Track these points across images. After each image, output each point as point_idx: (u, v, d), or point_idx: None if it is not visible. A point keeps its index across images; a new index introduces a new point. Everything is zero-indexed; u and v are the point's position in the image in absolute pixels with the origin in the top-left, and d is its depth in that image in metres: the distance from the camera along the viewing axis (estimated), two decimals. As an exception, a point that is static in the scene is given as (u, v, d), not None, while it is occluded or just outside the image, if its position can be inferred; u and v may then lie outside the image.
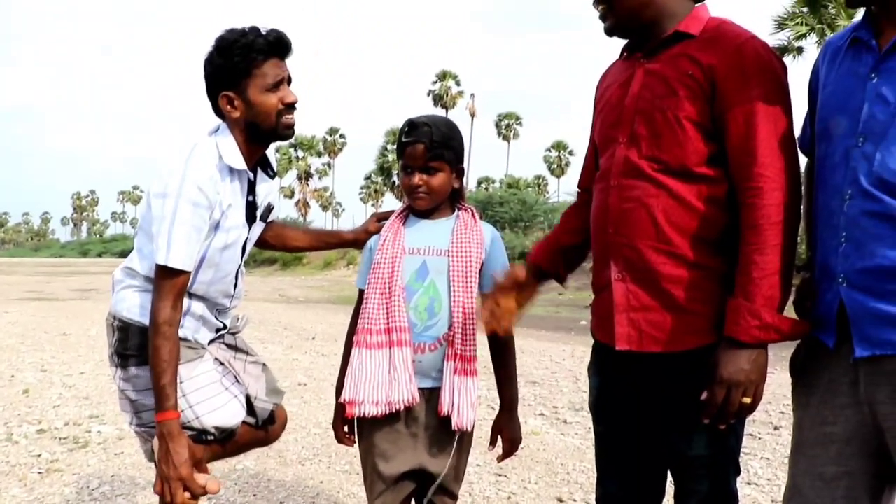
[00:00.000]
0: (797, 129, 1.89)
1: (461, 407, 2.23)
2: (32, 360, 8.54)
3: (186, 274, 2.25)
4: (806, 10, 20.75)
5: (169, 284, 2.23)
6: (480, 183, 77.26)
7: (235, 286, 2.52)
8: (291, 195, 67.14)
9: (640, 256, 1.89)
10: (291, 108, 2.34)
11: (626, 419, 2.02)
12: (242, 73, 2.27)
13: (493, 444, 2.43)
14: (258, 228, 2.54)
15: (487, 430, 2.50)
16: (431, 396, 2.27)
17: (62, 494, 3.96)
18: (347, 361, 2.33)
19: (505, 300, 2.16)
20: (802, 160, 1.95)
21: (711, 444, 1.88)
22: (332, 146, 72.54)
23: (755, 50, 1.82)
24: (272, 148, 2.50)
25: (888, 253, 1.56)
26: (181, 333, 2.32)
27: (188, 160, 2.25)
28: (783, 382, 1.97)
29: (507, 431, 2.39)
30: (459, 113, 65.77)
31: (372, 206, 71.74)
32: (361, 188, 74.68)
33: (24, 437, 5.09)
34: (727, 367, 1.75)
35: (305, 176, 65.41)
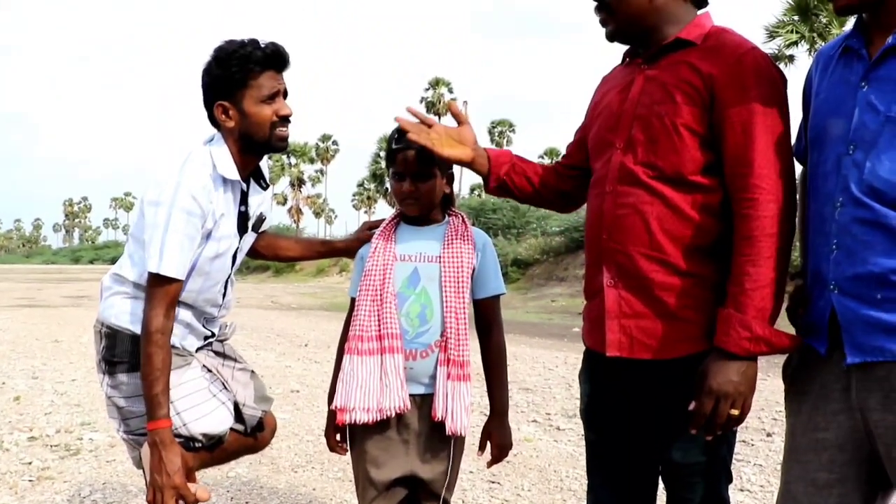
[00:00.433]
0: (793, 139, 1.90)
1: (455, 412, 2.23)
2: (24, 367, 8.50)
3: (179, 282, 2.25)
4: (797, 18, 20.85)
5: (161, 293, 2.23)
6: (473, 190, 77.20)
7: (224, 296, 2.52)
8: (284, 202, 66.93)
9: (632, 263, 1.89)
10: (286, 120, 2.35)
11: (617, 426, 2.02)
12: (238, 83, 2.28)
13: (482, 449, 2.43)
14: (250, 239, 2.54)
15: (479, 435, 2.50)
16: (423, 403, 2.26)
17: (53, 502, 3.94)
18: (339, 369, 2.33)
19: (444, 134, 2.17)
20: (798, 170, 1.96)
21: (703, 451, 1.88)
22: (324, 153, 72.51)
23: (756, 61, 1.82)
24: (265, 156, 2.50)
25: (878, 260, 1.57)
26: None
27: (182, 169, 2.26)
28: (775, 389, 1.97)
29: (496, 437, 2.39)
30: (452, 120, 65.75)
31: (365, 212, 71.76)
32: (354, 195, 74.66)
33: (14, 444, 5.06)
34: (716, 377, 1.75)
35: (298, 183, 65.25)
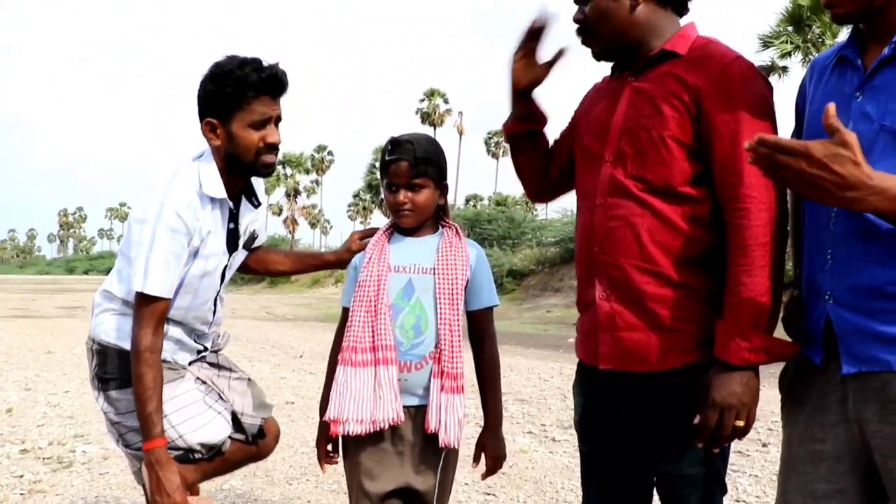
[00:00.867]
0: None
1: (448, 424, 2.22)
2: (16, 378, 8.45)
3: (166, 300, 2.24)
4: (791, 28, 20.94)
5: (148, 311, 2.22)
6: (469, 200, 77.42)
7: (214, 313, 2.51)
8: (279, 213, 66.93)
9: (624, 276, 1.89)
10: (273, 148, 2.31)
11: (611, 438, 2.01)
12: (230, 104, 2.25)
13: (476, 461, 2.42)
14: (240, 256, 2.53)
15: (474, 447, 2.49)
16: (417, 414, 2.25)
17: (45, 515, 3.91)
18: (332, 380, 2.32)
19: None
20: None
21: (698, 462, 1.88)
22: (319, 163, 72.52)
23: (741, 70, 1.83)
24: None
25: (874, 270, 1.57)
26: (161, 356, 2.31)
27: (168, 186, 2.24)
28: (771, 399, 1.97)
29: (491, 449, 2.38)
30: (447, 131, 66.06)
31: (360, 223, 71.74)
32: (349, 205, 74.74)
33: (6, 457, 5.03)
34: (719, 390, 1.74)
35: (293, 193, 65.27)
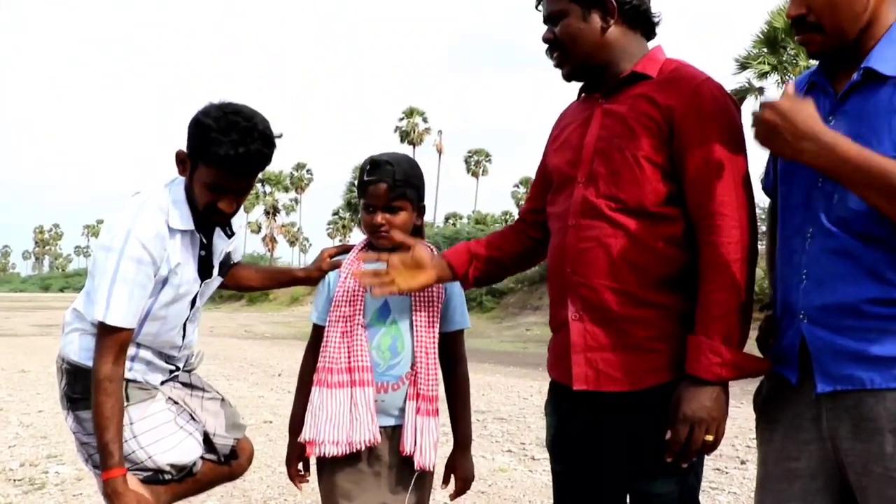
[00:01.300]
0: (754, 168, 1.92)
1: (423, 447, 2.22)
2: (-11, 398, 8.33)
3: (127, 331, 2.20)
4: (766, 50, 21.20)
5: (110, 340, 2.18)
6: (448, 219, 77.59)
7: (184, 337, 2.47)
8: (258, 230, 66.87)
9: (597, 296, 1.90)
10: (222, 213, 2.24)
11: (584, 458, 2.01)
12: (196, 156, 2.18)
13: (446, 482, 2.41)
14: (214, 283, 2.49)
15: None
16: (394, 434, 2.24)
17: (16, 538, 3.84)
18: (302, 399, 2.31)
19: (402, 268, 2.14)
20: (765, 203, 1.99)
21: (672, 481, 1.88)
22: (299, 181, 72.53)
23: (711, 92, 1.86)
24: None
25: (848, 290, 1.59)
26: (131, 375, 2.30)
27: (136, 215, 2.20)
28: (749, 416, 1.97)
29: (460, 470, 2.37)
30: (427, 149, 66.21)
31: (340, 240, 71.57)
32: (329, 224, 74.56)
33: (-23, 478, 4.94)
34: (690, 404, 1.75)
35: (272, 211, 65.16)
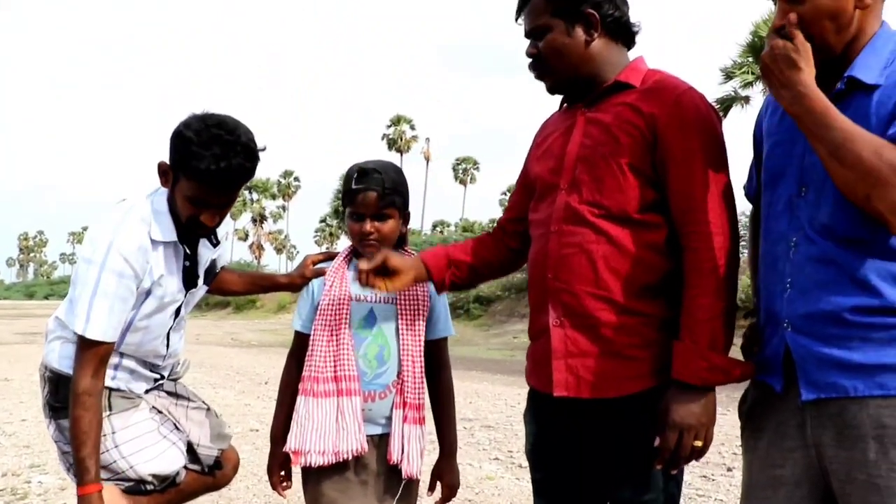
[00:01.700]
0: (738, 176, 1.94)
1: (410, 455, 2.23)
2: (-29, 407, 8.25)
3: (108, 345, 2.18)
4: (752, 59, 21.36)
5: (89, 354, 2.16)
6: (436, 227, 77.60)
7: (168, 346, 2.45)
8: (245, 238, 66.66)
9: (578, 302, 1.90)
10: (204, 226, 2.23)
11: (564, 465, 2.01)
12: (178, 168, 2.16)
13: (431, 490, 2.42)
14: (200, 292, 2.47)
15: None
16: (381, 443, 2.25)
17: (-1, 548, 3.80)
18: (284, 407, 2.31)
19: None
20: (746, 209, 2.00)
21: (652, 489, 1.89)
22: (286, 189, 72.38)
23: (693, 101, 1.89)
24: None
25: (832, 298, 1.60)
26: (114, 384, 2.29)
27: (118, 227, 2.17)
28: (736, 423, 1.98)
29: (447, 477, 2.37)
30: (414, 157, 66.25)
31: (327, 248, 71.43)
32: (316, 231, 74.38)
33: (-41, 488, 4.89)
34: (678, 411, 1.77)
35: (259, 219, 65.02)
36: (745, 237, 2.05)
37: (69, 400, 2.17)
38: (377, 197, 2.24)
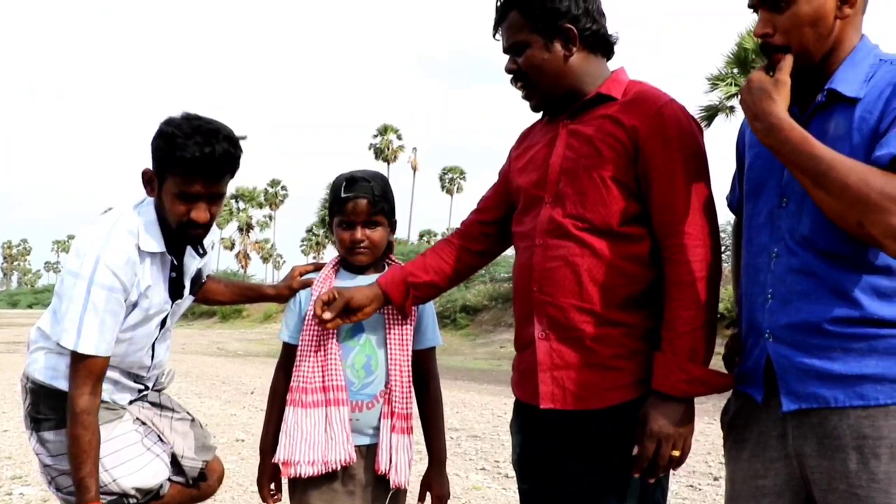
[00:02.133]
0: (723, 185, 1.96)
1: (399, 465, 2.23)
2: (-47, 417, 8.16)
3: (103, 359, 2.16)
4: (737, 70, 21.51)
5: (84, 370, 2.13)
6: (422, 236, 77.53)
7: (153, 357, 2.43)
8: (232, 247, 66.42)
9: (564, 315, 1.92)
10: (197, 224, 2.20)
11: (550, 476, 2.02)
12: (163, 167, 2.16)
13: (421, 500, 2.41)
14: (186, 302, 2.45)
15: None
16: (368, 453, 2.25)
17: (-19, 561, 3.77)
18: (273, 418, 2.31)
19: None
20: (726, 219, 2.02)
21: (638, 499, 1.90)
22: (273, 198, 72.21)
23: (674, 113, 1.90)
24: None
25: (812, 308, 1.62)
26: None
27: (105, 241, 2.15)
28: (721, 433, 1.99)
29: (436, 487, 2.37)
30: (401, 166, 66.27)
31: (314, 257, 71.30)
32: (303, 240, 74.25)
33: (-60, 500, 4.84)
34: (657, 420, 1.78)
35: (246, 228, 64.88)
36: (727, 249, 2.07)
37: (67, 418, 2.14)
38: (367, 204, 2.25)
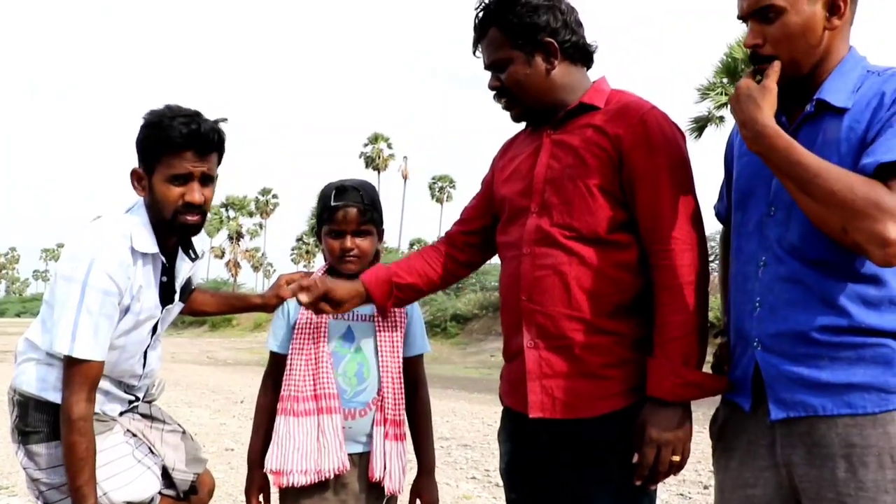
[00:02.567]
0: (712, 194, 1.96)
1: (393, 472, 2.23)
2: (-59, 427, 8.09)
3: (98, 364, 2.14)
4: (726, 80, 21.63)
5: (80, 376, 2.11)
6: (413, 245, 77.45)
7: (144, 365, 2.40)
8: (222, 255, 66.16)
9: (553, 323, 1.92)
10: (192, 207, 2.20)
11: (540, 485, 2.02)
12: (152, 155, 2.17)
13: None
14: (176, 308, 2.43)
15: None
16: (360, 461, 2.25)
17: (-32, 572, 3.73)
18: (262, 429, 2.30)
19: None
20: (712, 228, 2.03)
21: None
22: (264, 206, 72.09)
23: (657, 120, 1.92)
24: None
25: (800, 317, 1.64)
26: None
27: (98, 243, 2.14)
28: (711, 442, 2.00)
29: (425, 495, 2.38)
30: (392, 175, 66.27)
31: (304, 266, 71.12)
32: (293, 249, 74.08)
33: (-73, 510, 4.80)
34: (655, 427, 1.79)
35: (236, 236, 64.71)
36: (715, 257, 2.08)
37: (61, 427, 2.11)
38: (357, 213, 2.26)
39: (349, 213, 2.26)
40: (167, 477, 2.41)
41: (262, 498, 2.35)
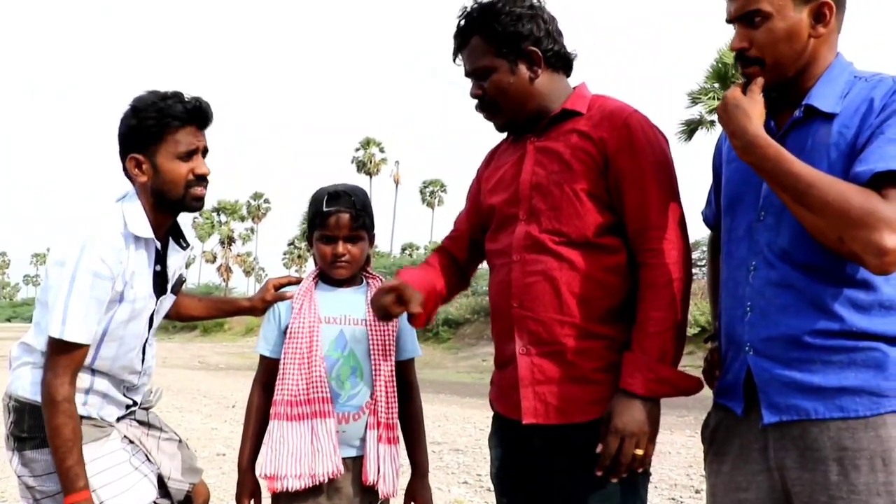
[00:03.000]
0: (701, 198, 1.97)
1: (387, 475, 2.23)
2: (-70, 432, 8.03)
3: (84, 347, 2.13)
4: (717, 85, 21.73)
5: (66, 359, 2.10)
6: (405, 249, 77.57)
7: (143, 361, 2.38)
8: (213, 260, 66.04)
9: (545, 329, 1.93)
10: (202, 179, 2.23)
11: (532, 490, 2.02)
12: (154, 137, 2.17)
13: None
14: (168, 300, 2.42)
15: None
16: (354, 465, 2.24)
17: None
18: (252, 434, 2.30)
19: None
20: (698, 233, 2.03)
21: None
22: (255, 211, 72.02)
23: (640, 123, 1.94)
24: (191, 215, 2.40)
25: (791, 321, 1.64)
26: (85, 412, 2.20)
27: (90, 227, 2.14)
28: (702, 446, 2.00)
29: (420, 498, 2.37)
30: (383, 180, 66.30)
31: (296, 270, 71.01)
32: (285, 253, 74.05)
33: (-83, 516, 4.76)
34: (621, 417, 1.80)
35: (228, 241, 64.57)
36: (701, 262, 2.08)
37: (46, 412, 2.09)
38: (350, 218, 2.26)
39: (341, 218, 2.26)
40: (162, 486, 2.38)
41: (253, 503, 2.34)
